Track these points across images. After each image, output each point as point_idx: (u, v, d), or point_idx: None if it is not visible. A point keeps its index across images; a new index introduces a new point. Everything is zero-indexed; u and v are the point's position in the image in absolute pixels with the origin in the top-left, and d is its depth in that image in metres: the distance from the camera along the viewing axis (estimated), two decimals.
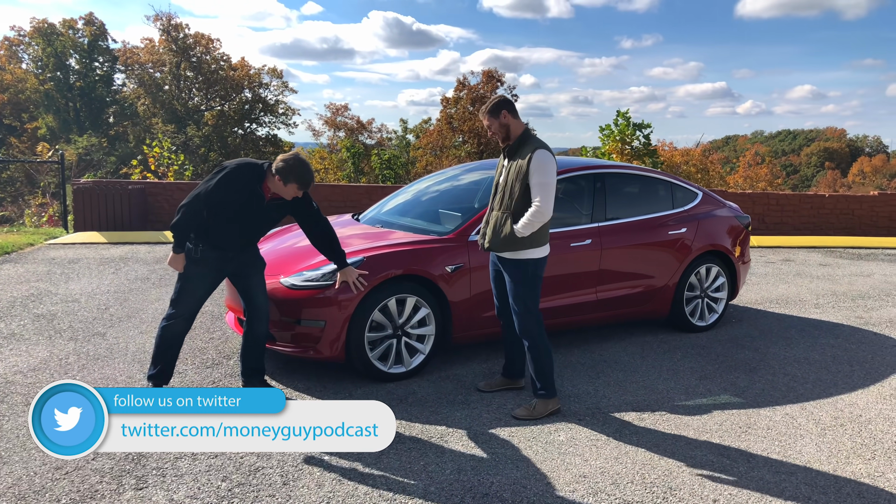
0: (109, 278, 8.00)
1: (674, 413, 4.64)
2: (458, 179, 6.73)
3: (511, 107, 4.52)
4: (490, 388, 4.97)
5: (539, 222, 4.37)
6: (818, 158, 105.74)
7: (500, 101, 4.50)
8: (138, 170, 18.38)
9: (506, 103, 4.50)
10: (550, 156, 4.40)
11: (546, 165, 4.35)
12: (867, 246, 12.11)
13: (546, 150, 4.40)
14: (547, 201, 4.34)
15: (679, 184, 6.59)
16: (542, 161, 4.35)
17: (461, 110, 46.89)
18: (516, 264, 4.49)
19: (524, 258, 4.47)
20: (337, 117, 52.13)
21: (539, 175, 4.34)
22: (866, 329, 6.77)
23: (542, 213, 4.34)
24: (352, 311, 4.82)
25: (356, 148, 22.80)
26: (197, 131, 44.77)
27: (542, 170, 4.34)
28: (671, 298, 6.28)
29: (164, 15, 46.24)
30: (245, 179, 4.28)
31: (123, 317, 6.46)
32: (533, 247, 4.45)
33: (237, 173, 4.28)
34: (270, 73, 50.64)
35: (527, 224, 4.35)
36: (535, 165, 4.34)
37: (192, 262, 4.39)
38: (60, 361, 5.25)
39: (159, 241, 10.47)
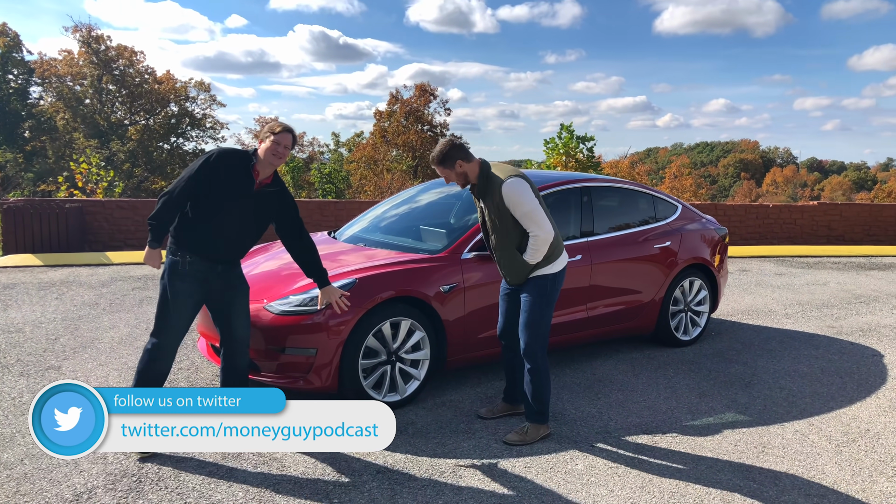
0: (53, 305, 7.41)
1: (685, 434, 4.48)
2: (432, 195, 6.49)
3: (462, 152, 4.20)
4: (492, 414, 4.72)
5: (545, 247, 4.19)
6: (734, 169, 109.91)
7: (449, 150, 4.18)
8: (64, 187, 17.52)
9: (456, 150, 4.19)
10: (518, 180, 4.17)
11: (518, 195, 4.13)
12: (813, 255, 12.40)
13: (512, 177, 4.17)
14: (540, 226, 4.16)
15: (660, 196, 6.51)
16: (512, 192, 4.13)
17: (395, 124, 46.71)
18: (534, 282, 4.31)
19: (542, 275, 4.29)
20: None
21: (518, 207, 4.14)
22: (841, 339, 6.82)
23: (542, 239, 4.17)
24: (345, 337, 4.50)
25: (296, 162, 22.26)
26: (121, 146, 43.18)
27: (517, 201, 4.14)
28: (657, 313, 6.17)
29: (84, 26, 44.55)
30: (233, 162, 3.94)
31: (77, 347, 5.94)
32: (549, 263, 4.28)
33: (224, 153, 3.95)
34: (197, 87, 49.40)
35: (533, 252, 4.20)
36: (508, 201, 4.14)
37: (178, 276, 3.99)
38: (14, 400, 4.75)
39: (101, 263, 9.84)
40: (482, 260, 5.03)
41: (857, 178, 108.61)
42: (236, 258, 4.14)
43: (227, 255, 4.07)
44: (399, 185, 25.92)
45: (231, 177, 3.93)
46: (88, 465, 3.81)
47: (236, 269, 4.15)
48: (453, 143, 4.21)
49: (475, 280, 5.01)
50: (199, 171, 3.89)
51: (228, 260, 4.08)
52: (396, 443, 4.20)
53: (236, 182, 3.95)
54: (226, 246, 4.04)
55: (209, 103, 49.65)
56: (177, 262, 3.98)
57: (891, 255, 12.55)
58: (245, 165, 3.97)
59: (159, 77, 48.00)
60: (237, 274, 4.16)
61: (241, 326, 4.14)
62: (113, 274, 9.10)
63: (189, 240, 3.98)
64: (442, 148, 4.18)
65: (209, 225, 3.97)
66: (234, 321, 4.11)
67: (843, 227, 14.19)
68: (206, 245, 3.99)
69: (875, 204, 14.56)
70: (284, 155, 4.05)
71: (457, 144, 4.21)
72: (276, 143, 3.94)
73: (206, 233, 3.98)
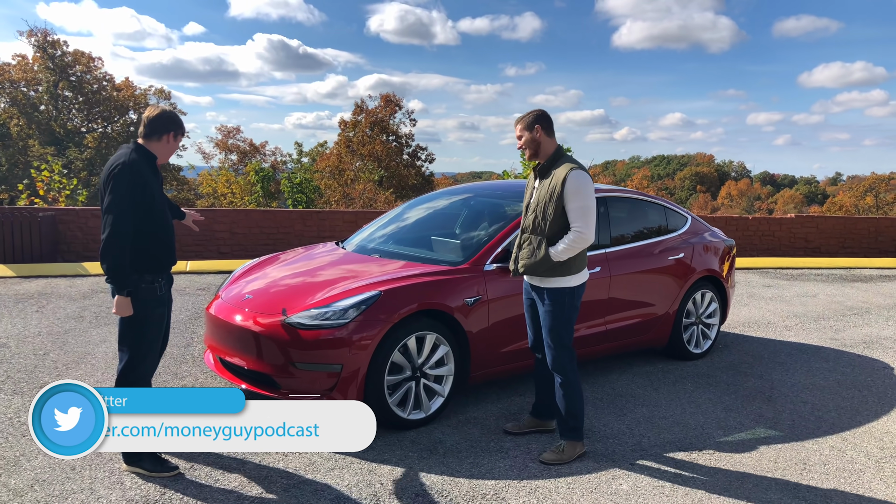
0: (35, 318, 7.02)
1: (721, 451, 4.36)
2: (439, 205, 6.33)
3: (546, 122, 4.15)
4: (519, 429, 4.55)
5: (580, 248, 4.03)
6: (690, 182, 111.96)
7: (537, 115, 4.14)
8: (25, 195, 16.92)
9: (542, 118, 4.14)
10: (587, 176, 4.06)
11: (584, 187, 4.01)
12: (794, 266, 12.50)
13: (582, 169, 4.06)
14: (588, 226, 4.00)
15: (671, 207, 6.42)
16: (578, 182, 4.00)
17: (360, 134, 46.33)
18: (551, 293, 4.12)
19: (560, 286, 4.10)
20: (228, 140, 50.47)
21: (577, 198, 3.99)
22: (847, 351, 6.80)
23: (584, 238, 4.00)
24: (372, 352, 4.29)
25: (265, 171, 21.85)
26: (79, 154, 42.03)
27: (579, 193, 4.00)
28: (671, 326, 6.07)
29: (40, 30, 43.31)
30: (143, 163, 3.62)
31: (70, 363, 5.60)
32: (570, 273, 4.10)
33: (133, 161, 3.56)
34: (157, 95, 48.37)
35: (566, 249, 4.00)
36: (571, 188, 3.99)
37: (158, 303, 3.72)
38: (11, 420, 4.43)
39: (77, 274, 9.41)
40: (505, 272, 4.87)
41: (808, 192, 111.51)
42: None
43: (174, 254, 3.84)
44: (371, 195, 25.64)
45: (149, 177, 3.64)
46: (106, 492, 3.55)
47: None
48: (543, 113, 4.17)
49: (498, 293, 4.84)
50: (133, 182, 3.52)
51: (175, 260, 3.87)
52: (430, 464, 4.01)
53: (154, 181, 3.69)
54: (174, 245, 3.80)
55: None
56: (153, 290, 3.68)
57: (868, 268, 12.72)
58: (151, 162, 3.70)
59: (118, 84, 46.93)
60: (171, 280, 3.94)
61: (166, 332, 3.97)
62: (92, 285, 8.70)
63: (153, 258, 3.67)
64: (532, 111, 4.16)
65: (161, 229, 3.68)
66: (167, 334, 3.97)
67: (819, 239, 14.37)
68: (167, 255, 3.74)
69: (850, 217, 14.79)
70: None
71: (546, 115, 4.17)
72: (177, 143, 3.77)
73: (162, 240, 3.70)
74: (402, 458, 4.09)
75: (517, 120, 4.18)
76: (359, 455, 4.08)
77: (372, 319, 4.31)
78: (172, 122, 3.73)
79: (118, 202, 3.48)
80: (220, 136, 50.57)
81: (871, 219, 14.91)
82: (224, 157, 49.79)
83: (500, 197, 5.91)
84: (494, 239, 5.04)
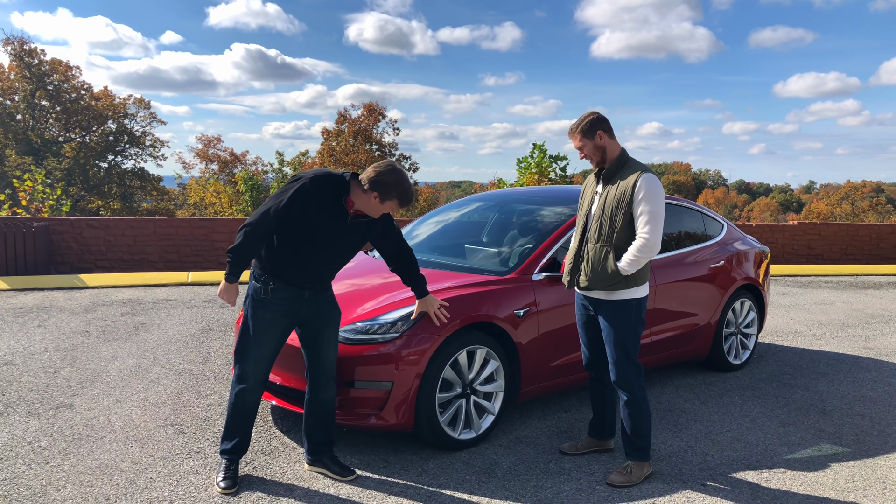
0: (39, 333, 6.64)
1: (792, 469, 4.12)
2: (471, 211, 6.09)
3: (607, 125, 3.89)
4: (576, 450, 4.28)
5: (646, 258, 3.77)
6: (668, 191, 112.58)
7: (595, 120, 3.86)
8: (7, 205, 16.44)
9: (601, 122, 3.87)
10: (658, 181, 3.82)
11: (655, 192, 3.77)
12: (802, 273, 12.38)
13: (652, 173, 3.82)
14: (656, 233, 3.75)
15: (707, 213, 6.21)
16: (650, 187, 3.76)
17: (343, 143, 46.05)
18: (616, 306, 3.87)
19: (626, 298, 3.85)
20: (209, 149, 49.94)
21: (647, 203, 3.75)
22: (886, 361, 6.62)
23: (651, 247, 3.74)
24: (423, 368, 4.00)
25: (254, 180, 21.47)
26: (57, 164, 41.26)
27: (651, 197, 3.75)
28: (712, 336, 5.84)
29: (16, 39, 42.57)
30: (326, 192, 3.47)
31: (84, 381, 5.25)
32: (637, 284, 3.85)
33: (316, 184, 3.46)
34: (137, 104, 47.71)
35: (633, 261, 3.75)
36: (642, 192, 3.74)
37: (260, 305, 3.54)
38: (30, 445, 4.09)
39: (75, 287, 9.01)
40: (553, 281, 4.62)
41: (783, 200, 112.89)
42: (326, 284, 3.66)
43: (316, 282, 3.62)
44: None
45: (323, 208, 3.48)
46: None
47: (327, 292, 3.68)
48: (600, 116, 3.86)
49: (549, 303, 4.58)
50: (292, 201, 3.41)
51: (317, 286, 3.60)
52: (492, 487, 3.73)
53: (328, 215, 3.50)
54: (314, 274, 3.60)
55: (149, 121, 48.00)
56: (259, 290, 3.53)
57: (874, 275, 12.64)
58: (338, 195, 3.50)
59: (96, 93, 46.23)
60: (328, 298, 3.69)
61: (330, 355, 3.72)
62: (93, 298, 8.32)
63: (273, 266, 3.53)
64: (586, 116, 3.86)
65: (297, 254, 3.53)
66: (323, 350, 3.69)
67: (821, 246, 14.30)
68: (292, 273, 3.55)
69: (852, 224, 14.73)
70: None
71: (604, 118, 3.86)
72: (394, 210, 3.61)
73: (293, 261, 3.53)
74: (459, 482, 3.81)
75: (572, 129, 3.90)
76: (413, 479, 3.79)
77: (422, 333, 4.04)
78: (384, 187, 3.48)
79: (270, 204, 3.48)
80: (201, 146, 50.06)
81: (872, 226, 14.88)
82: (205, 167, 49.26)
83: (538, 203, 5.66)
84: (541, 246, 4.78)
